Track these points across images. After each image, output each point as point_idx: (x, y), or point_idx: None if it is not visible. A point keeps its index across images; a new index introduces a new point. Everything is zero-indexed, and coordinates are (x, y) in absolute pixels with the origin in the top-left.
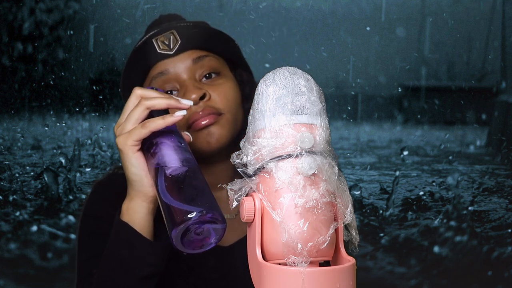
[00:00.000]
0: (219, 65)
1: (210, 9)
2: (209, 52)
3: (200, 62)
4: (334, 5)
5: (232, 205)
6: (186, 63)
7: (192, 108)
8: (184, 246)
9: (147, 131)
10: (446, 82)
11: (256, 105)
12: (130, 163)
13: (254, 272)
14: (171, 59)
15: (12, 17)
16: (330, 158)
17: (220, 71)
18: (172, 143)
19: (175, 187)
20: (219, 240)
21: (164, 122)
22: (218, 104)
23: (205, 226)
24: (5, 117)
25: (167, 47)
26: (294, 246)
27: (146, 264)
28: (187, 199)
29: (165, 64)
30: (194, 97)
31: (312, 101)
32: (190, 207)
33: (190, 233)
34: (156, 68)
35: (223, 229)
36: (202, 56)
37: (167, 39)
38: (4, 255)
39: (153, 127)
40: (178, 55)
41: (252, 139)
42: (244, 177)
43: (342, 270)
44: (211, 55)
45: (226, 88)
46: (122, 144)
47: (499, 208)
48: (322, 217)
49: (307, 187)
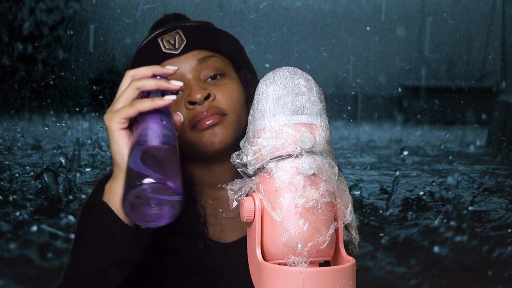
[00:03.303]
0: (224, 65)
1: (210, 9)
2: (214, 52)
3: (205, 62)
4: (334, 5)
5: (232, 205)
6: (192, 63)
7: (197, 108)
8: (139, 216)
9: (134, 110)
10: (446, 82)
11: (256, 105)
12: (114, 140)
13: (254, 272)
14: (176, 58)
15: (12, 17)
16: (330, 158)
17: (225, 72)
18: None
19: (144, 159)
20: (175, 216)
21: (151, 104)
22: (223, 105)
23: (161, 197)
24: (5, 117)
25: (173, 46)
26: (294, 246)
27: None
28: (149, 167)
29: (170, 63)
30: (198, 97)
31: (312, 101)
32: (149, 172)
33: (142, 200)
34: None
35: (179, 203)
36: (208, 57)
37: (172, 39)
38: (4, 255)
39: (140, 107)
40: (184, 54)
41: (252, 139)
42: (244, 177)
43: (342, 270)
44: (216, 55)
45: (231, 88)
46: (108, 121)
47: (499, 208)
48: (322, 217)
49: (307, 187)
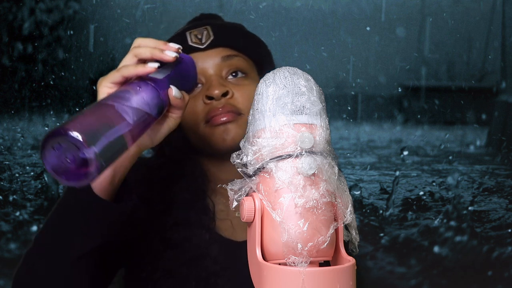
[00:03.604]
0: (247, 66)
1: (210, 9)
2: (239, 52)
3: (229, 60)
4: (334, 5)
5: (232, 205)
6: (215, 59)
7: (214, 103)
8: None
9: (119, 75)
10: (446, 82)
11: (256, 105)
12: None
13: (254, 272)
14: (200, 53)
15: (12, 17)
16: (330, 158)
17: (247, 72)
18: (130, 87)
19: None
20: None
21: (134, 70)
22: (240, 104)
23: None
24: (5, 117)
25: (199, 41)
26: (294, 246)
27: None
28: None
29: (194, 57)
30: (216, 93)
31: (312, 101)
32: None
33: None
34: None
35: (90, 160)
36: (232, 55)
37: (200, 34)
38: (4, 255)
39: (125, 72)
40: (208, 50)
41: (252, 139)
42: (244, 177)
43: (342, 270)
44: (240, 55)
45: (250, 90)
46: (98, 85)
47: (499, 208)
48: (322, 217)
49: (307, 187)
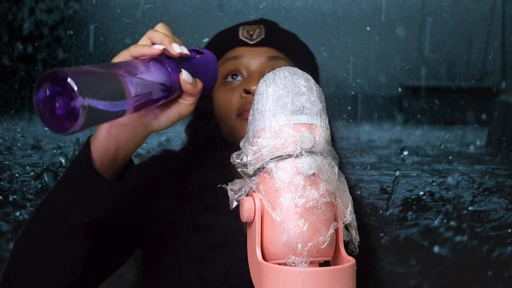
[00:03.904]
0: None
1: (210, 9)
2: (286, 56)
3: (274, 61)
4: (334, 5)
5: (232, 205)
6: (261, 57)
7: (249, 98)
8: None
9: (127, 53)
10: (446, 82)
11: (256, 105)
12: None
13: (254, 272)
14: (248, 48)
15: (12, 17)
16: (330, 158)
17: None
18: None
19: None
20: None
21: (141, 49)
22: None
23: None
24: (5, 117)
25: (250, 36)
26: (294, 246)
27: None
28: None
29: (241, 51)
30: (253, 88)
31: (312, 101)
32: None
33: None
34: (233, 51)
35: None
36: (278, 57)
37: (252, 30)
38: (4, 255)
39: (133, 51)
40: (257, 47)
41: (252, 139)
42: (244, 177)
43: (342, 270)
44: (286, 59)
45: None
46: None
47: (499, 208)
48: (322, 217)
49: (307, 187)
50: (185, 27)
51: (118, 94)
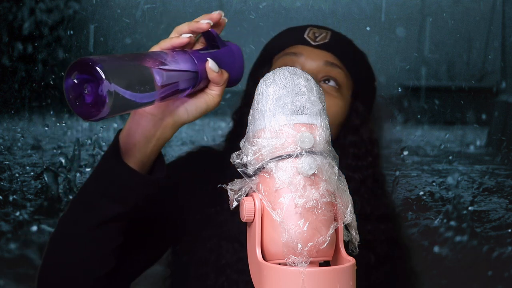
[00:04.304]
0: (344, 82)
1: (210, 9)
2: (345, 68)
3: (330, 67)
4: (334, 5)
5: (232, 205)
6: (319, 60)
7: None
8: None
9: (157, 47)
10: (446, 82)
11: (256, 105)
12: None
13: (254, 272)
14: (309, 48)
15: (12, 17)
16: (330, 158)
17: (340, 87)
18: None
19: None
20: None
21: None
22: None
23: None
24: (5, 117)
25: (314, 38)
26: (294, 246)
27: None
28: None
29: (301, 49)
30: None
31: (312, 101)
32: (103, 57)
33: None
34: (294, 48)
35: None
36: (336, 65)
37: (318, 32)
38: (4, 255)
39: (163, 44)
40: (317, 49)
41: (252, 139)
42: (244, 177)
43: (342, 270)
44: (344, 70)
45: (335, 103)
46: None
47: (499, 208)
48: (322, 217)
49: (307, 187)
50: None
51: (144, 83)
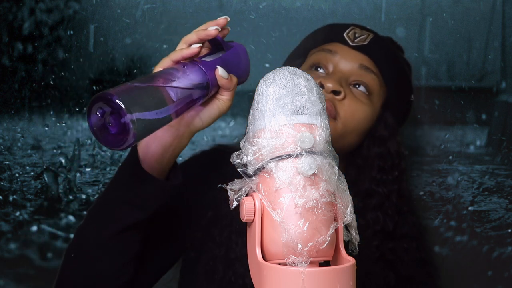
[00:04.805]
0: (377, 89)
1: (210, 9)
2: (380, 74)
3: (363, 71)
4: (334, 5)
5: (232, 205)
6: (353, 62)
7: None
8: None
9: (168, 60)
10: (446, 82)
11: (256, 105)
12: None
13: (254, 272)
14: (346, 47)
15: (12, 17)
16: (330, 158)
17: (371, 93)
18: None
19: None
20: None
21: (180, 53)
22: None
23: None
24: (5, 117)
25: (353, 38)
26: (294, 246)
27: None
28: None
29: (337, 47)
30: (329, 86)
31: (312, 101)
32: (118, 89)
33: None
34: (331, 45)
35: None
36: (370, 70)
37: (359, 33)
38: (4, 255)
39: (173, 56)
40: (354, 50)
41: (252, 139)
42: (244, 177)
43: (342, 270)
44: (379, 77)
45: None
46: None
47: (499, 208)
48: (322, 217)
49: (307, 187)
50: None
51: (161, 102)
